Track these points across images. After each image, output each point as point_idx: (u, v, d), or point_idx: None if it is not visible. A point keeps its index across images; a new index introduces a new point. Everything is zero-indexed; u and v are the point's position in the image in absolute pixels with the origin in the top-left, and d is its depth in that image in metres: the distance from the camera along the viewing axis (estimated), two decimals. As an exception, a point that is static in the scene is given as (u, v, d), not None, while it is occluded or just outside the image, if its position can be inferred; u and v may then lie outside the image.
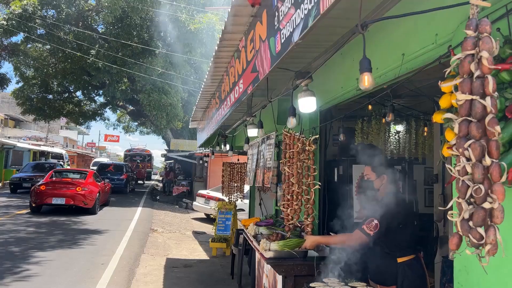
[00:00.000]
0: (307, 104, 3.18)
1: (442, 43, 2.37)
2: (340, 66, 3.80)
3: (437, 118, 2.00)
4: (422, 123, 5.96)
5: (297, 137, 3.36)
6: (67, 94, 23.11)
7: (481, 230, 1.22)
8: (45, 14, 18.96)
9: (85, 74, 20.09)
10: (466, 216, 1.26)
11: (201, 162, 13.73)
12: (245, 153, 8.79)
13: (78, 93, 23.36)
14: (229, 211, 8.79)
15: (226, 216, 8.87)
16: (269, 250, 3.17)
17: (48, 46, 19.77)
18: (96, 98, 24.25)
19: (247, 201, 9.81)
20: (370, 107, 4.86)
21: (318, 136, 3.53)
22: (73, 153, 38.16)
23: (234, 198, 9.07)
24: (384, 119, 5.25)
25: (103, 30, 20.19)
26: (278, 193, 5.65)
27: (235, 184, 8.97)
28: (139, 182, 28.95)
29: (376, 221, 2.75)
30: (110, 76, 18.58)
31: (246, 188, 9.33)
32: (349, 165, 4.55)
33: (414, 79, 4.56)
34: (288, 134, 3.46)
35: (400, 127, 7.56)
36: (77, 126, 30.17)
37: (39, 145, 29.13)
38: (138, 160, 30.43)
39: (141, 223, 12.06)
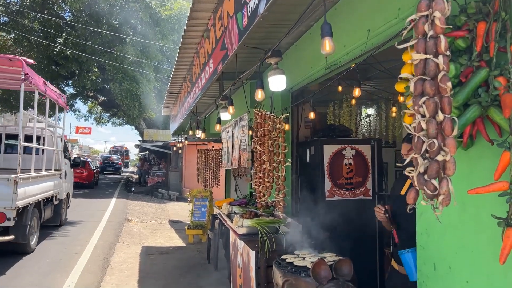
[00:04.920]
0: (277, 83, 3.20)
1: (404, 17, 2.44)
2: (309, 46, 3.84)
3: (400, 87, 2.07)
4: (391, 104, 6.11)
5: (268, 115, 3.39)
6: (34, 85, 22.26)
7: (435, 182, 1.29)
8: (9, 1, 18.15)
9: (53, 64, 19.37)
10: (422, 170, 1.32)
11: (174, 149, 13.65)
12: (219, 141, 8.79)
13: (46, 84, 22.52)
14: (205, 198, 8.80)
15: (202, 203, 8.87)
16: (242, 226, 3.21)
17: (12, 35, 18.94)
18: (65, 88, 23.46)
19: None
20: (340, 88, 4.93)
21: (288, 114, 3.57)
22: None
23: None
24: (353, 100, 5.36)
25: (70, 17, 19.50)
26: (252, 177, 5.69)
27: (210, 171, 8.96)
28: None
29: None
30: (79, 65, 18.03)
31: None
32: (321, 145, 4.62)
33: (382, 60, 4.68)
34: (259, 113, 3.48)
35: (370, 110, 7.75)
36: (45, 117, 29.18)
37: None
38: (119, 154, 42.70)
39: (115, 213, 11.90)
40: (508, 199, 1.51)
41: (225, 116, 5.26)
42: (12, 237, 6.08)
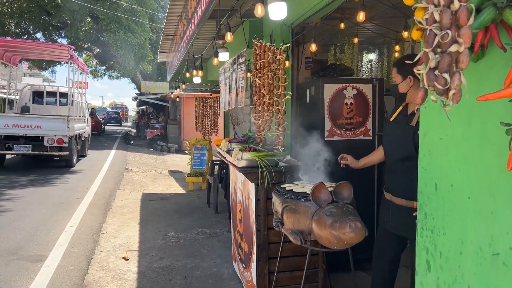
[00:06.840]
0: (277, 10, 3.04)
1: None
2: (312, -26, 3.63)
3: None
4: (394, 46, 5.94)
5: (268, 46, 3.26)
6: (26, 36, 21.59)
7: (446, 76, 1.22)
8: None
9: (44, 14, 18.70)
10: (432, 65, 1.25)
11: (172, 96, 13.61)
12: (217, 92, 8.64)
13: (39, 35, 21.85)
14: (204, 147, 8.80)
15: (201, 152, 8.89)
16: (242, 159, 3.19)
17: (-1, -18, 18.13)
18: (58, 40, 22.79)
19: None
20: (342, 25, 4.75)
21: (289, 45, 3.43)
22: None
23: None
24: (356, 39, 5.18)
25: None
26: (251, 112, 5.60)
27: (209, 119, 8.90)
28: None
29: None
30: (71, 15, 17.42)
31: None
32: (321, 85, 4.51)
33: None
34: (259, 44, 3.35)
35: (372, 56, 7.55)
36: (40, 71, 28.63)
37: (4, 93, 27.54)
38: (120, 111, 50.04)
39: (115, 163, 11.98)
40: (519, 105, 1.45)
41: (223, 56, 5.10)
42: (67, 153, 10.10)
